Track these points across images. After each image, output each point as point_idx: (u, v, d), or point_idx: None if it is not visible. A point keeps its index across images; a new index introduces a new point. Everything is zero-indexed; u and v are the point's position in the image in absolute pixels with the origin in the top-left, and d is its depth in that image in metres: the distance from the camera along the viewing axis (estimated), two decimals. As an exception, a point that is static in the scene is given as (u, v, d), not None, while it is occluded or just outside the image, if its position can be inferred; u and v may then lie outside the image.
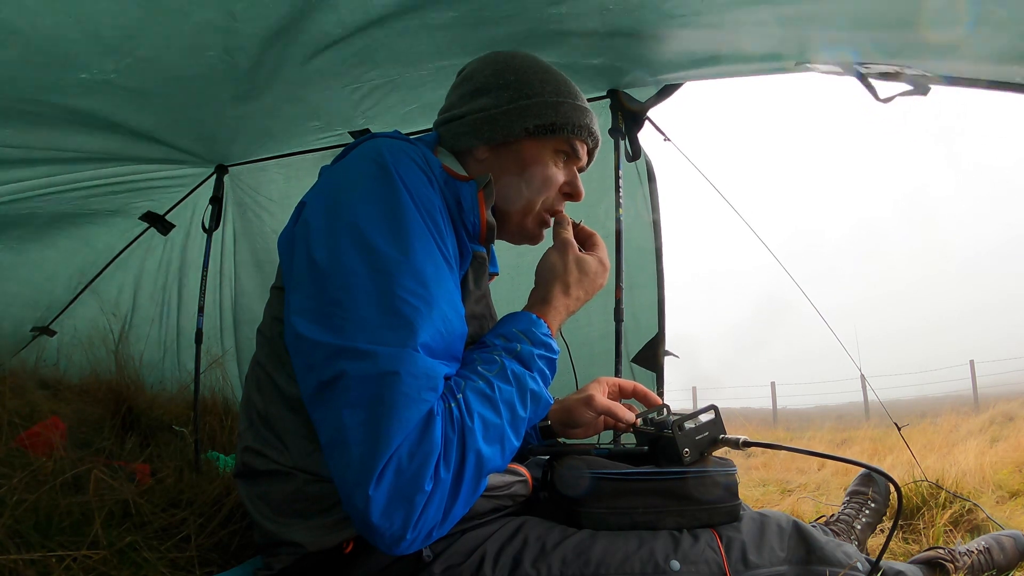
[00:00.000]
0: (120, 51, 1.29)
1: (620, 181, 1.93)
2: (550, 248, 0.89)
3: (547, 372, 0.76)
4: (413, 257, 0.67)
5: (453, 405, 0.63)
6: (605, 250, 0.92)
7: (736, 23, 1.18)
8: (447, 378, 0.67)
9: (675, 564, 0.76)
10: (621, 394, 1.09)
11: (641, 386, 1.08)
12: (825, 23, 1.07)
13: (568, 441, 1.08)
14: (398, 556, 0.72)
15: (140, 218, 2.77)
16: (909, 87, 1.00)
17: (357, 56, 1.51)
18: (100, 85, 1.40)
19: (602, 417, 1.02)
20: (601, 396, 1.03)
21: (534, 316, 0.80)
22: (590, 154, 0.96)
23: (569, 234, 0.90)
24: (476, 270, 0.85)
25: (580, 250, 0.89)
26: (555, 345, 0.79)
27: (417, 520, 0.58)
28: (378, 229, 0.68)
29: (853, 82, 1.09)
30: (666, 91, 1.85)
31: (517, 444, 0.69)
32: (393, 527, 0.58)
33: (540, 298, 0.84)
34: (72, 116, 1.58)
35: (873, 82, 1.02)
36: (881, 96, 1.03)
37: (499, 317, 1.03)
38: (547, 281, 0.85)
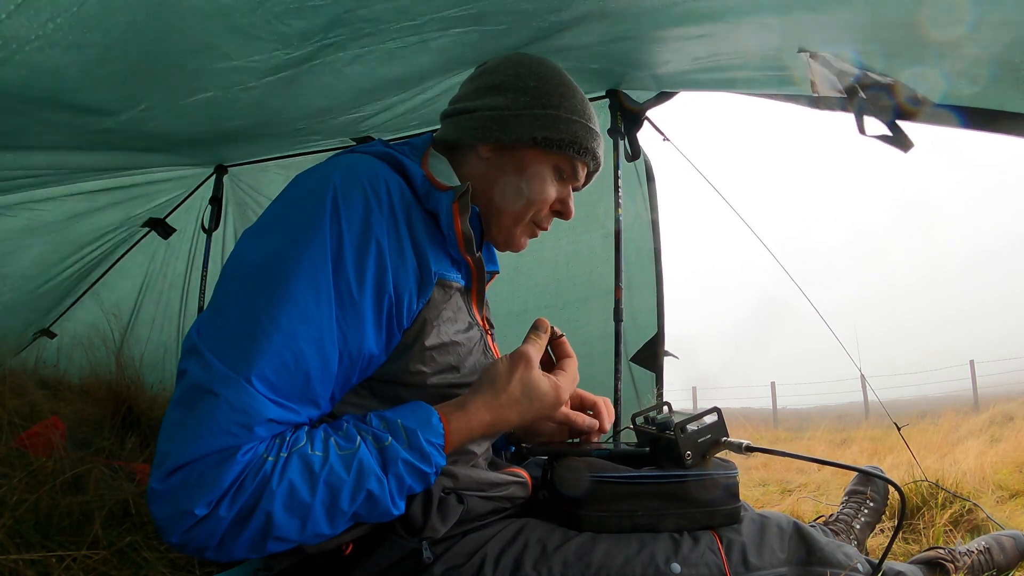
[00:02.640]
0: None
1: (619, 181, 1.93)
2: (505, 356, 0.79)
3: (407, 480, 0.67)
4: (294, 283, 0.64)
5: (270, 459, 0.60)
6: (572, 374, 0.83)
7: (735, 14, 1.18)
8: (298, 425, 0.65)
9: (676, 567, 0.76)
10: (583, 406, 1.04)
11: (601, 401, 1.02)
12: (826, 19, 1.08)
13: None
14: (398, 558, 0.73)
15: (142, 225, 2.79)
16: (890, 133, 1.03)
17: (357, 86, 1.52)
18: (101, 132, 1.46)
19: (564, 427, 1.00)
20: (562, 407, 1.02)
21: (435, 419, 0.71)
22: (588, 177, 0.95)
23: (535, 348, 0.80)
24: (449, 288, 0.80)
25: (540, 368, 0.79)
26: (436, 458, 0.69)
27: (186, 531, 0.58)
28: (275, 247, 0.67)
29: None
30: (665, 95, 1.85)
31: (327, 532, 0.64)
32: (165, 522, 0.58)
33: (462, 402, 0.74)
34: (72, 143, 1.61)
35: (865, 116, 1.05)
36: (867, 132, 1.06)
37: (492, 320, 1.02)
38: (479, 389, 0.76)
